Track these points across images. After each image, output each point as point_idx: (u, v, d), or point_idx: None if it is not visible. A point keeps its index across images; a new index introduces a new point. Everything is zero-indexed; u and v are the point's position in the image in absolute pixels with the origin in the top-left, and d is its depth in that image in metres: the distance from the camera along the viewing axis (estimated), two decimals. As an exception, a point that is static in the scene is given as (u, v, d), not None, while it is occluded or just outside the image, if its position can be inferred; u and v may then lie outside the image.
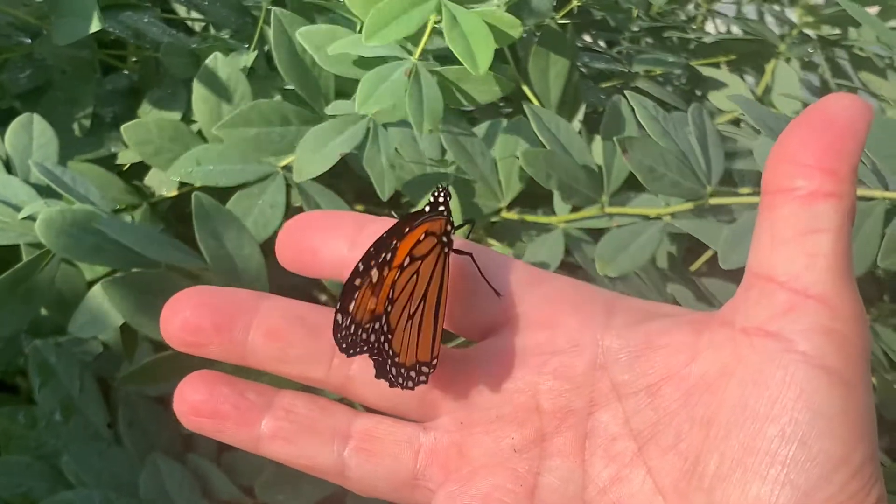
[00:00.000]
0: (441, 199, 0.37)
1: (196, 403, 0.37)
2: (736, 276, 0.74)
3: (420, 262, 0.36)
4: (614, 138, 0.58)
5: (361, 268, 0.35)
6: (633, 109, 0.59)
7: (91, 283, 0.61)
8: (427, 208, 0.37)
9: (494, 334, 0.38)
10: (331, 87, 0.62)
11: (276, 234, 0.60)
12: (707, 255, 0.75)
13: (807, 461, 0.31)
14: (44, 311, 0.64)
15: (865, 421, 0.32)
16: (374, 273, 0.35)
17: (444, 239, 0.37)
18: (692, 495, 0.33)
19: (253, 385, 0.38)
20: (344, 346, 0.35)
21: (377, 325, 0.36)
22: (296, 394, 0.38)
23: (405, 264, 0.35)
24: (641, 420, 0.35)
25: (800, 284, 0.32)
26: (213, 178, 0.60)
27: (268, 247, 0.57)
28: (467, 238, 0.41)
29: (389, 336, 0.36)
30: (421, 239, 0.35)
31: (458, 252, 0.38)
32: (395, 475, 0.37)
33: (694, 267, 0.75)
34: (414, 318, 0.36)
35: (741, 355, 0.33)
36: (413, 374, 0.36)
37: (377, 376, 0.36)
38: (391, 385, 0.36)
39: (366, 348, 0.36)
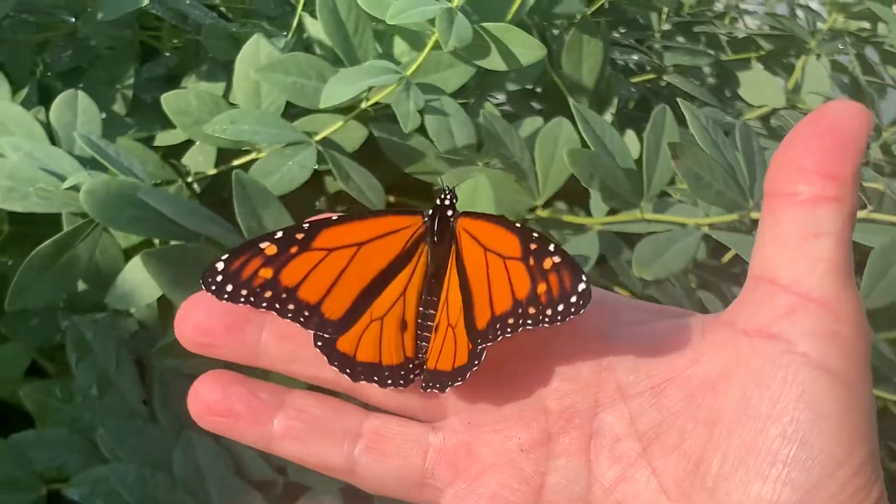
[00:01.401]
0: (448, 202, 0.39)
1: (210, 402, 0.37)
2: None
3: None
4: (667, 143, 0.59)
5: (279, 236, 0.36)
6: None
7: (127, 254, 0.61)
8: (430, 211, 0.39)
9: None
10: (369, 52, 0.63)
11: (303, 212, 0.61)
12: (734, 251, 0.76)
13: (808, 460, 0.31)
14: (81, 287, 0.64)
15: (866, 421, 0.32)
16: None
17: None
18: (696, 494, 0.34)
19: (266, 385, 0.38)
20: (214, 288, 0.35)
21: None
22: (307, 393, 0.38)
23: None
24: (646, 420, 0.35)
25: (801, 287, 0.32)
26: (247, 137, 0.61)
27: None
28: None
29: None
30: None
31: None
32: (405, 474, 0.38)
33: (724, 260, 0.75)
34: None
35: (743, 356, 0.33)
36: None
37: (354, 380, 0.37)
38: (393, 385, 0.37)
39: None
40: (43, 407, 0.65)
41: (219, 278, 0.35)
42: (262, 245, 0.36)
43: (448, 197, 0.39)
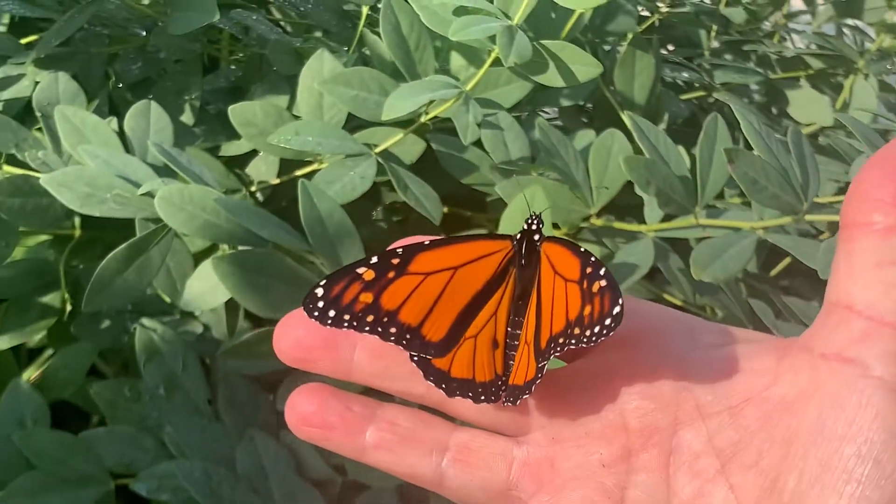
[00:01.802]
0: (535, 227, 0.40)
1: (306, 414, 0.38)
2: (814, 290, 0.76)
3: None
4: (722, 149, 0.60)
5: (376, 261, 0.37)
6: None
7: (195, 259, 0.64)
8: (518, 235, 0.40)
9: (584, 356, 0.40)
10: (430, 68, 0.65)
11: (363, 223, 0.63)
12: (785, 262, 0.77)
13: (881, 479, 0.32)
14: (149, 291, 0.67)
15: None
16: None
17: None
18: None
19: (358, 398, 0.39)
20: (316, 314, 0.36)
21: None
22: (398, 407, 0.39)
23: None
24: (724, 439, 0.36)
25: (876, 312, 0.33)
26: (310, 147, 0.63)
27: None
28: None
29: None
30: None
31: None
32: (490, 485, 0.39)
33: (774, 273, 0.77)
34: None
35: (820, 379, 0.34)
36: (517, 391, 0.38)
37: (449, 395, 0.38)
38: (486, 401, 0.38)
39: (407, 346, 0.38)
40: (112, 405, 0.67)
41: (320, 304, 0.36)
42: (360, 270, 0.37)
43: (535, 221, 0.40)
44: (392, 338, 0.37)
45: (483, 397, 0.38)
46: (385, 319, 0.37)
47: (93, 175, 0.58)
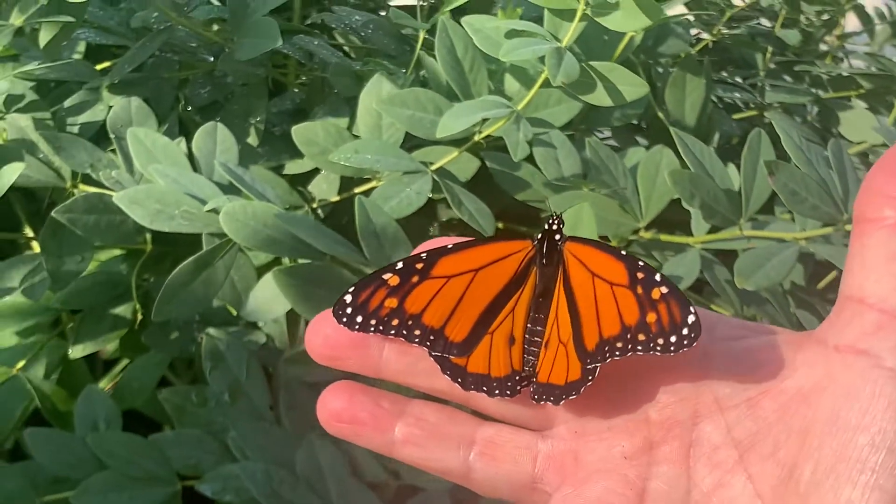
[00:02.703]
0: (555, 227, 0.41)
1: (337, 410, 0.40)
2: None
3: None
4: (763, 161, 0.62)
5: (400, 266, 0.39)
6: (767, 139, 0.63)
7: (258, 272, 0.66)
8: (539, 235, 0.41)
9: None
10: (483, 89, 0.68)
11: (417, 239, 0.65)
12: (831, 276, 0.78)
13: (895, 467, 0.34)
14: (215, 303, 0.70)
15: None
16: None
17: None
18: (789, 499, 0.35)
19: (387, 394, 0.40)
20: (345, 320, 0.38)
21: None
22: (425, 403, 0.41)
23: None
24: (742, 430, 0.37)
25: (888, 305, 0.35)
26: (369, 164, 0.65)
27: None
28: None
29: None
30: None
31: None
32: (516, 478, 0.40)
33: (820, 286, 0.78)
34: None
35: (834, 371, 0.36)
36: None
37: (464, 389, 0.40)
38: (500, 395, 0.40)
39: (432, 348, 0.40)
40: (180, 410, 0.70)
41: (348, 311, 0.38)
42: (385, 276, 0.39)
43: (556, 222, 0.41)
44: (416, 340, 0.39)
45: (498, 392, 0.40)
46: (409, 322, 0.39)
47: (162, 193, 0.61)
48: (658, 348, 0.36)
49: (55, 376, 0.78)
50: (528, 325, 0.41)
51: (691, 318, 0.35)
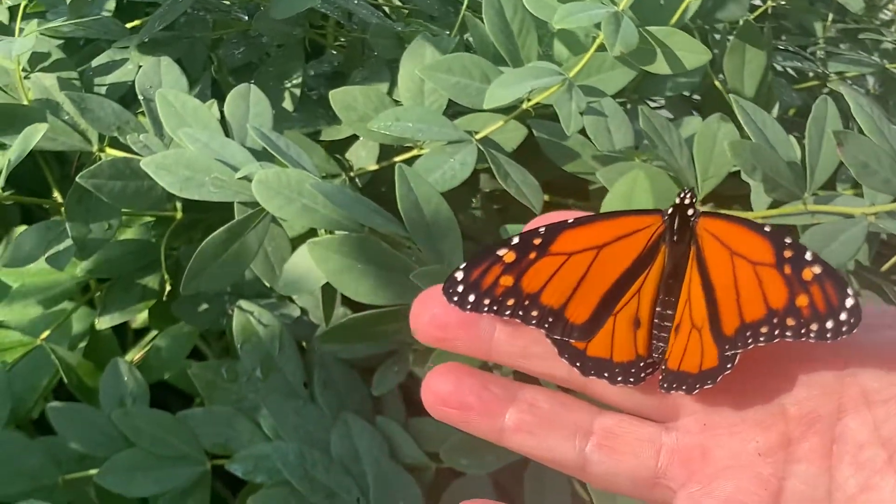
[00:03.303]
0: (687, 202, 0.38)
1: (444, 394, 0.38)
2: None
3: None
4: (830, 131, 0.58)
5: (516, 242, 0.37)
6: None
7: (292, 244, 0.64)
8: (670, 209, 0.38)
9: None
10: (533, 54, 0.64)
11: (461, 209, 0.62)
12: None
13: None
14: (248, 275, 0.67)
15: None
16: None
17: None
18: None
19: (496, 378, 0.38)
20: (456, 299, 0.36)
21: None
22: (538, 388, 0.38)
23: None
24: (891, 428, 0.34)
25: None
26: (410, 133, 0.62)
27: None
28: None
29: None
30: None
31: None
32: (637, 473, 0.37)
33: (885, 268, 0.74)
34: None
35: None
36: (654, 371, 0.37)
37: (584, 374, 0.37)
38: (623, 383, 0.37)
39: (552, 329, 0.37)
40: (210, 386, 0.68)
41: (460, 289, 0.36)
42: (500, 252, 0.36)
43: (688, 196, 0.38)
44: (534, 321, 0.37)
45: (620, 378, 0.37)
46: (526, 303, 0.37)
47: (192, 158, 0.58)
48: (812, 334, 0.33)
49: (82, 348, 0.76)
50: (658, 309, 0.38)
51: (850, 302, 0.32)
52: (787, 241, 0.35)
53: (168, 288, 0.69)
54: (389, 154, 0.69)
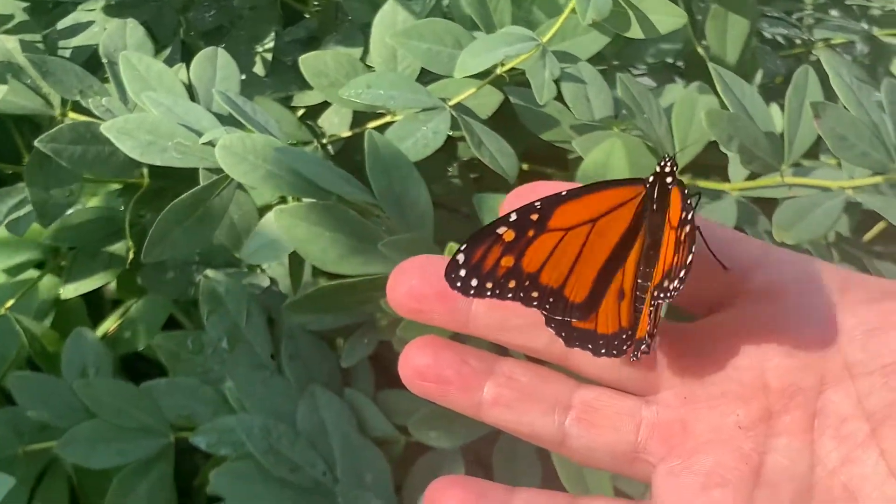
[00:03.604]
0: (668, 170, 0.37)
1: (421, 368, 0.37)
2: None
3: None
4: (808, 102, 0.57)
5: (514, 219, 0.35)
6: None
7: (262, 212, 0.62)
8: (651, 178, 0.37)
9: (721, 309, 0.38)
10: (506, 18, 0.63)
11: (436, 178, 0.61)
12: (878, 227, 0.73)
13: None
14: (215, 243, 0.66)
15: None
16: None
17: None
18: None
19: (475, 351, 0.38)
20: (459, 284, 0.35)
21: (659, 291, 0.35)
22: (517, 361, 0.38)
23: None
24: (876, 400, 0.34)
25: None
26: (382, 101, 0.60)
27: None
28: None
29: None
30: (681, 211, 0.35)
31: None
32: (616, 447, 0.37)
33: (867, 238, 0.73)
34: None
35: None
36: (643, 345, 0.36)
37: (568, 345, 0.36)
38: (606, 355, 0.36)
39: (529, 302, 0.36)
40: (175, 357, 0.67)
41: (462, 273, 0.35)
42: (500, 231, 0.35)
43: (668, 164, 0.37)
44: (535, 303, 0.36)
45: (604, 350, 0.36)
46: (527, 283, 0.35)
47: (155, 123, 0.57)
48: (665, 295, 0.33)
49: (50, 318, 0.75)
50: (639, 280, 0.37)
51: (690, 258, 0.32)
52: (689, 201, 0.34)
53: (132, 257, 0.67)
54: (363, 121, 0.68)
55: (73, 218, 0.66)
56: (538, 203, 0.36)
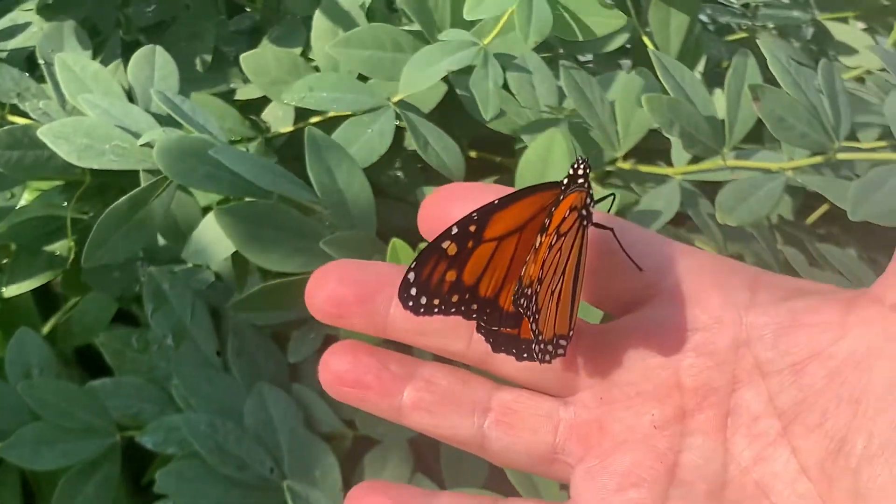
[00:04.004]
0: (581, 172, 0.36)
1: (340, 373, 0.37)
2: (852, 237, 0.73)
3: (564, 237, 0.35)
4: (747, 85, 0.58)
5: (455, 231, 0.35)
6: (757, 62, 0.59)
7: (205, 211, 0.62)
8: (566, 180, 0.37)
9: (635, 309, 0.38)
10: (447, 19, 0.63)
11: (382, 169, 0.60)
12: (821, 210, 0.74)
13: None
14: (160, 241, 0.66)
15: None
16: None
17: (585, 212, 0.36)
18: (838, 475, 0.33)
19: (395, 356, 0.38)
20: (411, 304, 0.35)
21: (521, 297, 0.35)
22: (437, 365, 0.38)
23: (553, 241, 0.35)
24: (786, 399, 0.34)
25: None
26: (326, 104, 0.60)
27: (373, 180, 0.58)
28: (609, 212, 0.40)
29: (537, 312, 0.35)
30: (566, 215, 0.35)
31: (599, 226, 0.37)
32: (535, 449, 0.37)
33: (810, 220, 0.74)
34: (554, 293, 0.35)
35: (891, 333, 0.32)
36: (550, 347, 0.35)
37: (494, 350, 0.37)
38: (528, 359, 0.36)
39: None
40: (120, 355, 0.66)
41: (413, 291, 0.35)
42: (444, 245, 0.35)
43: (580, 164, 0.36)
44: (474, 315, 0.36)
45: (526, 354, 0.36)
46: (467, 296, 0.35)
47: (91, 126, 0.56)
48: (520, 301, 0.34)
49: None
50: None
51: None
52: (585, 211, 0.35)
53: (72, 256, 0.67)
54: (306, 115, 0.67)
55: (11, 217, 0.66)
56: (475, 214, 0.35)
